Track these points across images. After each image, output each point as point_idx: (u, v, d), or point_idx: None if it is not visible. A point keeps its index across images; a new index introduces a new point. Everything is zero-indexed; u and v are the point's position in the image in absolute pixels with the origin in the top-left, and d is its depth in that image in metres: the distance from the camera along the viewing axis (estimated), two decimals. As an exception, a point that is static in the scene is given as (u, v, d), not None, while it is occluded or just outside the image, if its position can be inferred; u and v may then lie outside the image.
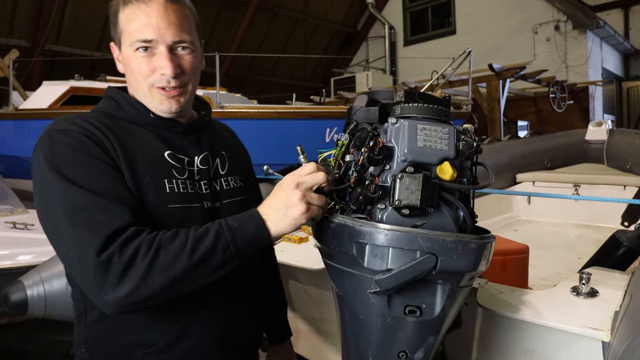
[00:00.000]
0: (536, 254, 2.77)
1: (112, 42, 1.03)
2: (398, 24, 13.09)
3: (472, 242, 0.81)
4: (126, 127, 0.98)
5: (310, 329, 1.67)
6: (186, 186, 0.97)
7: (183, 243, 0.81)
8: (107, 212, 0.81)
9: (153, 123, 1.00)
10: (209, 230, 0.83)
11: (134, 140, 0.96)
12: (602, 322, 1.03)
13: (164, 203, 0.92)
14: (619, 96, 12.32)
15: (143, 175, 0.92)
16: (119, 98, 1.02)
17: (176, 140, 1.01)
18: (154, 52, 0.95)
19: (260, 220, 0.85)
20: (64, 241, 0.82)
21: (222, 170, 1.08)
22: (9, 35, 9.05)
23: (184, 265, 0.80)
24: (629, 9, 11.62)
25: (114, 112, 1.00)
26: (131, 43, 0.95)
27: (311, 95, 10.21)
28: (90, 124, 0.92)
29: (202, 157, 1.03)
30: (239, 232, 0.84)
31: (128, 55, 0.97)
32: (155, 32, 0.94)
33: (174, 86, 0.97)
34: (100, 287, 0.78)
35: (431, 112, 0.91)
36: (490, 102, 7.82)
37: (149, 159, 0.95)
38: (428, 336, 0.88)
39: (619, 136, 4.30)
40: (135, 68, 0.96)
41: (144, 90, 0.98)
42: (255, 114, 5.65)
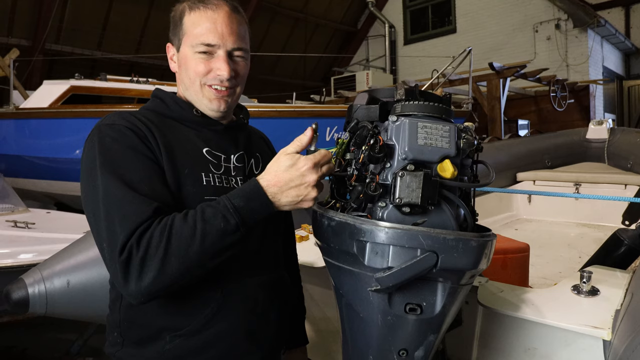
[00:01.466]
0: (537, 253, 2.77)
1: (170, 42, 1.10)
2: (398, 22, 13.08)
3: (473, 240, 0.81)
4: (169, 123, 1.04)
5: (311, 327, 1.67)
6: (222, 180, 1.03)
7: (192, 228, 0.84)
8: (137, 206, 0.85)
9: (195, 120, 1.07)
10: (216, 213, 0.86)
11: (176, 136, 1.02)
12: (603, 321, 1.03)
13: (201, 194, 0.97)
14: (620, 95, 12.31)
15: (182, 168, 0.98)
16: (165, 97, 1.09)
17: (214, 139, 1.07)
18: (213, 55, 1.03)
19: (266, 199, 0.88)
20: (100, 231, 0.87)
21: (256, 170, 1.14)
22: (9, 35, 9.04)
23: (196, 250, 0.83)
24: (630, 7, 11.61)
25: (160, 110, 1.07)
26: (194, 44, 1.02)
27: (311, 94, 10.21)
28: (136, 119, 0.99)
29: (238, 155, 1.09)
30: (246, 211, 0.87)
31: (187, 55, 1.04)
32: (218, 38, 1.02)
33: (226, 87, 1.04)
34: (125, 280, 0.83)
35: (432, 110, 0.91)
36: (491, 101, 7.82)
37: (188, 153, 1.01)
38: (428, 334, 0.88)
39: (619, 135, 4.30)
40: (192, 67, 1.03)
41: (195, 87, 1.05)
42: (255, 113, 5.63)
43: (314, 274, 1.54)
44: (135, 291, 0.83)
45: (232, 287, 1.00)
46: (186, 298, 0.97)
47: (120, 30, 10.48)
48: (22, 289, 1.49)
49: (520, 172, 4.01)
